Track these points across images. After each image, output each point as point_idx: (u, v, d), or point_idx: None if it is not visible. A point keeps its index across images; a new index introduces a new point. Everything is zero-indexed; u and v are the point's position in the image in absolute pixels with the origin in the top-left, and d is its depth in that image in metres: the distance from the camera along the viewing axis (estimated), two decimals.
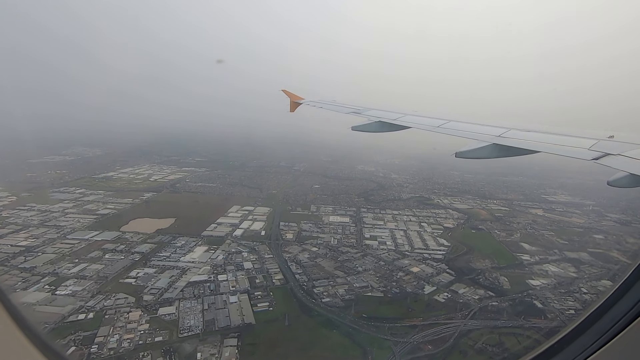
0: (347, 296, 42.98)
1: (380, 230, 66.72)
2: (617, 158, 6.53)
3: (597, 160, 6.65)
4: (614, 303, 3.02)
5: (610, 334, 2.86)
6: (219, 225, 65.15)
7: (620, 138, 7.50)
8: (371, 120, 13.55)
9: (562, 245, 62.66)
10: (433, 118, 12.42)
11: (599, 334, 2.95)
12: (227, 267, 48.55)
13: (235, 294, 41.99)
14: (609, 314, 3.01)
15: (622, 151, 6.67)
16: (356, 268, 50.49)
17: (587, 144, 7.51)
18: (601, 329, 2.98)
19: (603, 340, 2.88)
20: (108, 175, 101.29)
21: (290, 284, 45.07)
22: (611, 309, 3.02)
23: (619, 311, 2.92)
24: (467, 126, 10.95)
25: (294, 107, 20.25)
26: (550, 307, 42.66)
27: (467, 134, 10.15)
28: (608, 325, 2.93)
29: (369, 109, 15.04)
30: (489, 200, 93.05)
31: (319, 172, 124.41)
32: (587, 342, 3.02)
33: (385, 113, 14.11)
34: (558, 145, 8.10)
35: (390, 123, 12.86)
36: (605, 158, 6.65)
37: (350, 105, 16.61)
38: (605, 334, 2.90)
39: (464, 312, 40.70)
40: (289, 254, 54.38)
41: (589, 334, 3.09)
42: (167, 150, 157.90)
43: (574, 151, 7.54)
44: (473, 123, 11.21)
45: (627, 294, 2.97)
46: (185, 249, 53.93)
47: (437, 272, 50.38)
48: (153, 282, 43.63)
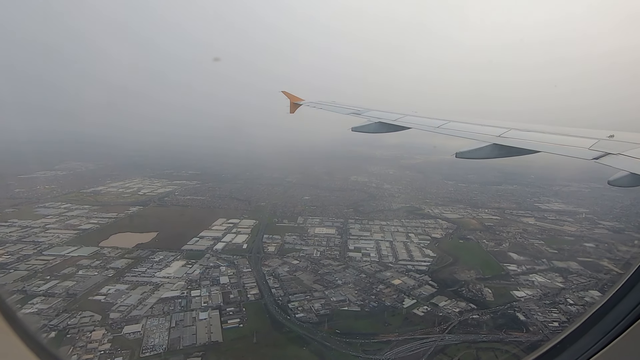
0: (322, 311, 41.59)
1: (366, 241, 65.42)
2: (617, 157, 6.51)
3: (597, 160, 6.63)
4: (617, 303, 3.01)
5: (613, 334, 2.85)
6: (201, 238, 64.08)
7: (620, 137, 7.46)
8: (371, 121, 13.60)
9: (551, 254, 61.12)
10: (433, 118, 12.43)
11: (601, 335, 2.95)
12: (202, 282, 47.31)
13: (207, 310, 40.70)
14: (611, 315, 3.01)
15: (623, 150, 6.64)
16: (336, 281, 49.14)
17: (587, 144, 7.46)
18: (603, 329, 2.98)
19: (605, 341, 2.87)
20: (97, 190, 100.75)
21: (265, 299, 43.75)
22: (613, 309, 3.02)
23: (621, 312, 2.92)
24: (467, 126, 10.94)
25: (293, 108, 20.41)
26: (532, 319, 41.09)
27: (467, 134, 10.16)
28: (610, 325, 2.93)
29: (369, 110, 15.12)
30: (481, 210, 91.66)
31: (311, 183, 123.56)
32: (589, 342, 3.01)
33: (385, 114, 14.15)
34: (558, 145, 8.09)
35: (390, 124, 12.89)
36: (605, 157, 6.63)
37: (350, 106, 16.70)
38: (607, 334, 2.89)
39: (442, 326, 39.21)
40: (268, 267, 53.14)
41: (591, 334, 3.08)
42: (161, 163, 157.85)
43: (574, 151, 7.50)
44: (473, 123, 11.19)
45: (629, 294, 2.97)
46: (163, 264, 52.79)
47: (419, 285, 48.95)
48: (123, 299, 42.43)
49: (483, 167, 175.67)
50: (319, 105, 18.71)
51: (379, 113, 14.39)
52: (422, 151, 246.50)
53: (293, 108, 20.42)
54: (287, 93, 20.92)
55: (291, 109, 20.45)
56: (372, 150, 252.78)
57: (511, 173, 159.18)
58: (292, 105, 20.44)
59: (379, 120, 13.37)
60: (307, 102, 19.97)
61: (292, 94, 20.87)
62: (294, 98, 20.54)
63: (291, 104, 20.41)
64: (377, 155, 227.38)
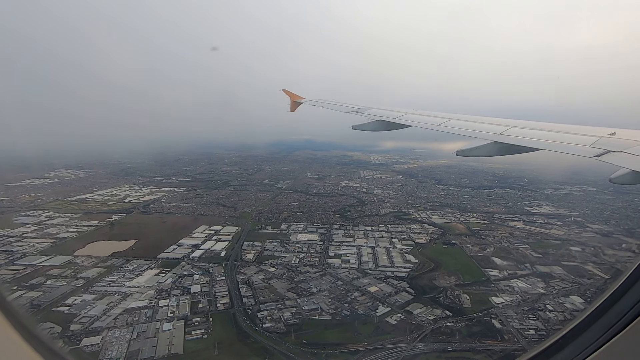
0: (292, 320, 40.36)
1: (348, 247, 64.27)
2: (619, 155, 6.48)
3: (598, 158, 6.60)
4: (618, 299, 2.99)
5: (614, 330, 2.83)
6: (179, 246, 62.95)
7: (622, 135, 7.40)
8: (372, 119, 13.56)
9: (535, 259, 59.93)
10: (433, 116, 12.37)
11: (602, 331, 2.93)
12: (172, 292, 46.15)
13: (172, 320, 39.50)
14: (612, 311, 2.98)
15: (624, 148, 6.61)
16: (310, 289, 47.96)
17: (588, 142, 7.44)
18: (605, 326, 2.95)
19: (606, 337, 2.86)
20: (82, 198, 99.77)
21: (235, 309, 42.56)
22: (615, 305, 2.99)
23: (623, 308, 2.89)
24: (468, 124, 10.84)
25: (294, 106, 20.40)
26: (509, 327, 39.85)
27: (467, 132, 10.08)
28: (609, 324, 2.91)
29: (370, 108, 15.04)
30: (469, 214, 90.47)
31: (301, 189, 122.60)
32: (588, 340, 3.00)
33: (385, 112, 14.10)
34: (559, 142, 8.05)
35: (391, 122, 12.86)
36: (607, 155, 6.60)
37: (351, 104, 16.58)
38: (608, 330, 2.88)
39: (413, 334, 38.00)
40: (243, 275, 51.98)
41: (592, 330, 3.06)
42: (153, 170, 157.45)
43: (575, 148, 7.47)
44: (474, 121, 11.11)
45: (628, 292, 2.95)
46: (135, 272, 51.63)
47: (395, 292, 47.76)
48: (87, 310, 41.25)
49: (476, 171, 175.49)
50: (319, 103, 18.58)
51: (379, 111, 14.28)
52: (419, 155, 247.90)
53: (293, 106, 20.40)
54: (288, 91, 20.87)
55: (291, 107, 20.44)
56: (367, 156, 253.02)
57: (504, 177, 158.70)
58: (292, 104, 20.41)
59: (380, 118, 13.30)
60: (307, 100, 19.91)
61: (292, 92, 20.83)
62: (294, 96, 20.51)
63: (291, 102, 20.38)
64: (372, 160, 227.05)
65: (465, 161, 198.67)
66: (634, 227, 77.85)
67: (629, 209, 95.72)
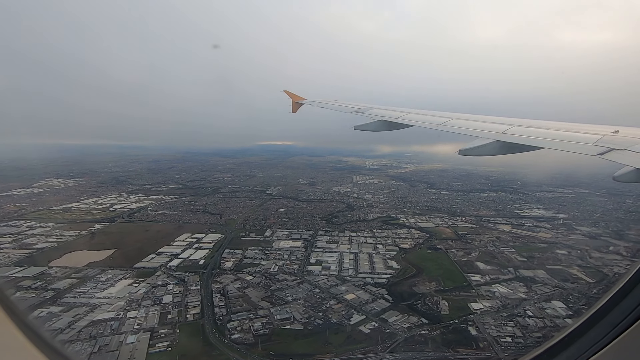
0: (262, 330, 39.17)
1: (330, 254, 63.14)
2: (622, 153, 6.42)
3: (602, 156, 6.55)
4: (620, 300, 2.97)
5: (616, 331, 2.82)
6: (158, 255, 61.81)
7: (625, 133, 7.33)
8: (373, 119, 13.46)
9: (519, 262, 58.88)
10: (435, 116, 12.28)
11: (605, 332, 2.91)
12: (143, 302, 45.00)
13: (138, 332, 38.32)
14: (614, 312, 2.96)
15: (628, 146, 6.54)
16: (286, 297, 46.79)
17: (591, 140, 7.39)
18: (607, 326, 2.93)
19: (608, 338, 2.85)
20: (68, 207, 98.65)
21: (205, 319, 41.38)
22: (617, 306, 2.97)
23: (625, 309, 2.88)
24: (470, 123, 10.78)
25: (295, 107, 20.31)
26: (485, 334, 38.69)
27: (470, 131, 10.00)
28: (614, 323, 2.89)
29: (371, 108, 14.93)
30: (458, 218, 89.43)
31: (291, 195, 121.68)
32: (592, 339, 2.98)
33: (387, 112, 14.00)
34: (562, 140, 8.00)
35: (393, 122, 12.78)
36: (610, 153, 6.54)
37: (353, 104, 16.46)
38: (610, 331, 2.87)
39: (385, 344, 36.82)
40: (219, 284, 50.83)
41: (594, 331, 3.05)
42: (145, 178, 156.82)
43: (578, 147, 7.39)
44: (476, 120, 11.04)
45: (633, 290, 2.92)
46: (109, 283, 50.48)
47: (373, 299, 46.61)
48: (52, 323, 40.05)
49: (471, 175, 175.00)
50: (321, 104, 18.46)
51: (381, 111, 14.16)
52: (414, 160, 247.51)
53: (295, 107, 20.29)
54: (289, 92, 20.77)
55: (293, 108, 20.32)
56: (363, 161, 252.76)
57: (498, 180, 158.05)
58: (294, 105, 20.28)
59: (381, 118, 13.18)
60: (309, 101, 19.77)
61: (293, 93, 20.67)
62: (296, 97, 20.40)
63: (293, 103, 20.27)
64: (367, 165, 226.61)
65: (460, 165, 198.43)
66: (622, 229, 76.74)
67: (620, 211, 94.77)
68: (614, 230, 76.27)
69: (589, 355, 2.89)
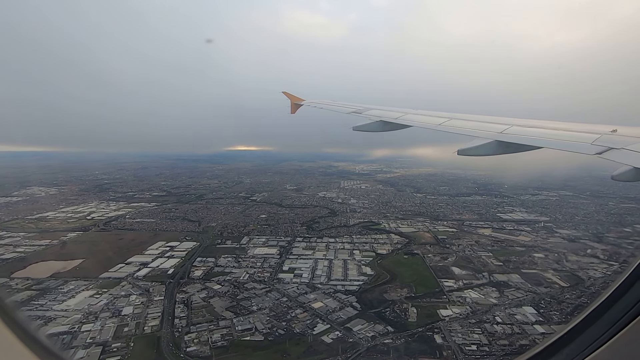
0: (220, 342, 37.75)
1: (304, 261, 61.88)
2: (621, 152, 6.40)
3: (600, 155, 6.56)
4: (619, 298, 2.97)
5: (614, 329, 2.81)
6: (127, 264, 60.11)
7: (623, 132, 7.30)
8: (372, 119, 13.42)
9: (495, 267, 58.08)
10: (434, 116, 12.23)
11: (603, 330, 2.91)
12: (101, 315, 43.34)
13: (89, 346, 36.73)
14: (613, 310, 2.96)
15: (626, 145, 6.51)
16: (251, 307, 45.39)
17: (590, 139, 7.35)
18: (605, 324, 2.93)
19: (607, 337, 2.84)
20: (44, 216, 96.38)
21: (162, 331, 39.85)
22: (615, 304, 2.97)
23: (623, 307, 2.87)
24: (469, 123, 10.77)
25: (294, 108, 20.18)
26: (450, 342, 37.61)
27: (468, 131, 10.00)
28: (612, 321, 2.88)
29: (370, 109, 14.95)
30: (440, 222, 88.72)
31: (275, 201, 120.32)
32: (591, 338, 2.98)
33: (386, 112, 13.95)
34: (560, 140, 8.01)
35: (391, 122, 12.73)
36: (608, 152, 6.53)
37: (351, 105, 16.52)
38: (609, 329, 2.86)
39: (346, 354, 35.57)
40: (185, 294, 49.30)
41: (592, 329, 3.05)
42: (130, 185, 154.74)
43: (576, 146, 7.38)
44: (475, 120, 10.98)
45: (631, 289, 2.93)
46: (69, 294, 48.74)
47: (340, 307, 45.37)
48: None
49: (458, 179, 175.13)
50: (320, 104, 18.43)
51: (379, 112, 14.17)
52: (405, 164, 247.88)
53: (294, 108, 20.17)
54: (288, 93, 20.70)
55: (292, 109, 20.20)
56: (353, 166, 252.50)
57: (485, 184, 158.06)
58: (292, 106, 20.16)
59: (380, 119, 13.14)
60: (307, 102, 19.69)
61: (292, 94, 20.60)
62: (295, 98, 20.29)
63: (292, 105, 20.14)
64: (357, 170, 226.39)
65: (448, 169, 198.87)
66: (602, 232, 76.45)
67: (601, 214, 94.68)
68: (593, 233, 75.97)
69: (588, 352, 2.89)
